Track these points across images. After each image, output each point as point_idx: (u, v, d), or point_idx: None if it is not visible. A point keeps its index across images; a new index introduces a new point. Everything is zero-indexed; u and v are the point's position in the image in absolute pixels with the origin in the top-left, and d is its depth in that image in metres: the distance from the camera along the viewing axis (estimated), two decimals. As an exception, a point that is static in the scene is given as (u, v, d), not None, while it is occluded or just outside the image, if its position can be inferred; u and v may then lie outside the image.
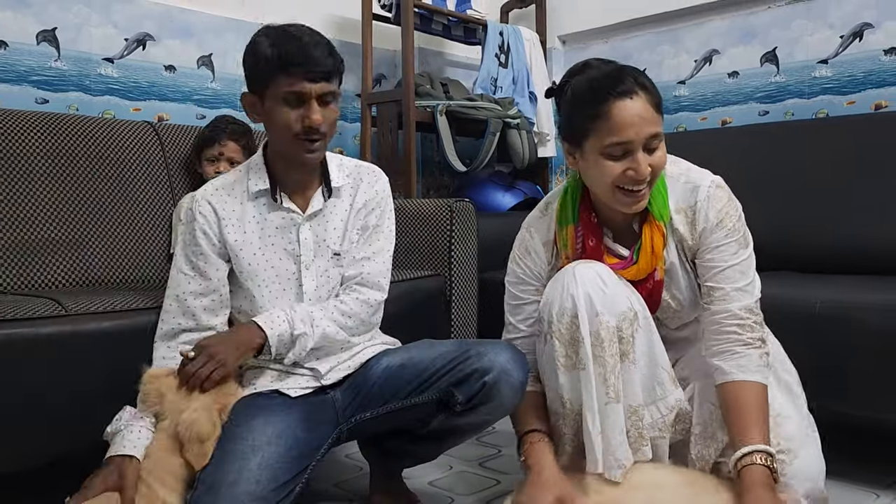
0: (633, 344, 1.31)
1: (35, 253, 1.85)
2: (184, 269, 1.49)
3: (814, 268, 2.17)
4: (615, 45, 3.27)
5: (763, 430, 1.26)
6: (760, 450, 1.23)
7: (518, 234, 1.53)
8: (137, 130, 2.17)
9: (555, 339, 1.32)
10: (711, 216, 1.37)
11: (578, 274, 1.31)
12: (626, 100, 1.28)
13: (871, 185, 2.20)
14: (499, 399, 1.38)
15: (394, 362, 1.48)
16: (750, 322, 1.34)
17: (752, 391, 1.29)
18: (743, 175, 2.31)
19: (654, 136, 1.29)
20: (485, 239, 2.26)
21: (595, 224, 1.42)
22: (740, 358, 1.32)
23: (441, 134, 2.74)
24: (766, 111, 2.82)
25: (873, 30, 2.56)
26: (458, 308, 2.14)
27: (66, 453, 1.46)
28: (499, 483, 1.78)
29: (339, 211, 1.56)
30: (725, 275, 1.36)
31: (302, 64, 1.39)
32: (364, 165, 1.63)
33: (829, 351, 1.66)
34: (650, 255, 1.37)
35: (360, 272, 1.55)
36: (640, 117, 1.28)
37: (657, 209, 1.38)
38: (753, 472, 1.22)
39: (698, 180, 1.40)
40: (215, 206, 1.51)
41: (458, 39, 3.15)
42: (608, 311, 1.29)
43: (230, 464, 1.29)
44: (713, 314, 1.36)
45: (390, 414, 1.45)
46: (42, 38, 2.24)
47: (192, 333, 1.47)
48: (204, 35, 2.59)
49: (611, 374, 1.28)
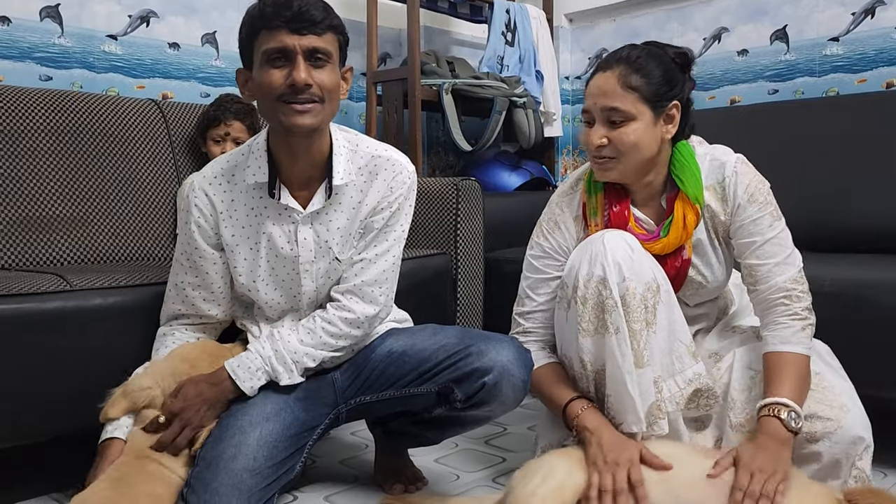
0: (656, 314, 1.32)
1: (40, 229, 1.85)
2: (180, 259, 1.45)
3: (824, 247, 2.15)
4: (622, 24, 3.23)
5: (793, 387, 1.28)
6: (782, 402, 1.26)
7: (545, 209, 1.53)
8: (142, 108, 2.16)
9: (579, 304, 1.32)
10: (740, 192, 1.39)
11: (608, 241, 1.32)
12: (598, 72, 1.38)
13: (881, 164, 2.18)
14: (499, 399, 1.37)
15: (396, 348, 1.45)
16: (797, 292, 1.36)
17: (790, 358, 1.32)
18: (752, 154, 2.28)
19: (612, 110, 1.34)
20: (490, 218, 2.25)
21: (620, 191, 1.44)
22: (784, 329, 1.34)
23: (447, 113, 2.72)
24: (775, 90, 2.79)
25: (885, 7, 2.52)
26: (463, 287, 2.14)
27: (69, 428, 1.46)
28: (504, 461, 1.78)
29: (346, 210, 1.43)
30: (765, 250, 1.38)
31: (284, 14, 1.27)
32: (384, 157, 1.45)
33: (837, 329, 1.64)
34: (681, 229, 1.38)
35: (354, 281, 1.43)
36: (601, 90, 1.36)
37: (692, 192, 1.39)
38: (766, 422, 1.26)
39: (723, 157, 1.43)
40: (212, 197, 1.41)
41: (465, 17, 3.12)
42: (636, 278, 1.30)
43: (228, 439, 1.29)
44: (759, 292, 1.38)
45: (390, 400, 1.44)
46: (45, 14, 2.22)
47: (189, 319, 1.47)
48: (208, 12, 2.56)
49: (639, 341, 1.29)
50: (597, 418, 1.34)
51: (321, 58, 1.31)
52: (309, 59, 1.30)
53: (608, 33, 3.28)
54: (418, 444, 1.64)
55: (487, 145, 2.88)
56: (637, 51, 1.38)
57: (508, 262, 2.29)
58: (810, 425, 1.29)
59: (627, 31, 3.19)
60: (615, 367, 1.30)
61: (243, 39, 1.36)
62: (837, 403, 1.31)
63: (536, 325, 1.49)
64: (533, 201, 2.53)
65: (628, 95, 1.34)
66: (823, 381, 1.35)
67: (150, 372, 1.36)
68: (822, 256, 2.02)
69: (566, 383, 1.42)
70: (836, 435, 1.28)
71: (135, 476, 1.24)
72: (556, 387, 1.42)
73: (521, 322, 1.52)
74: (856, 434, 1.29)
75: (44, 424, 1.44)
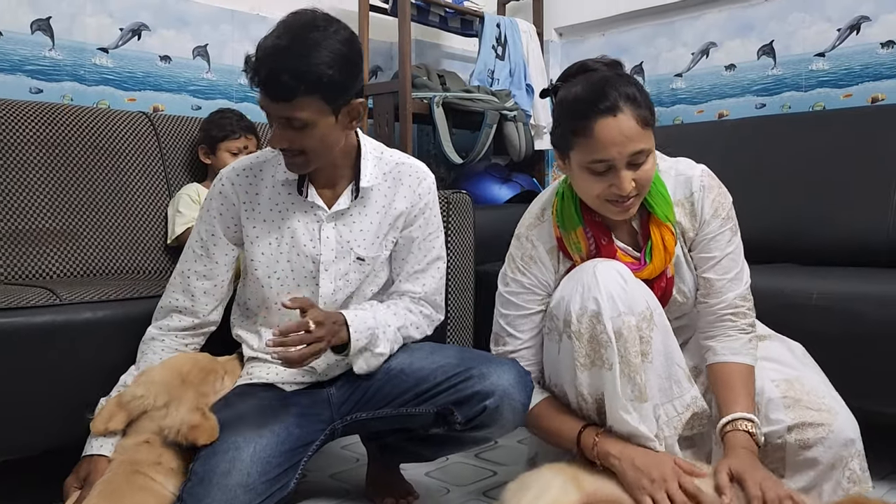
0: (651, 343, 1.30)
1: (29, 243, 1.84)
2: (194, 246, 1.48)
3: (810, 260, 2.17)
4: (612, 38, 3.26)
5: (748, 402, 1.31)
6: (745, 417, 1.29)
7: (513, 243, 1.47)
8: (133, 121, 2.16)
9: (574, 339, 1.29)
10: (707, 206, 1.39)
11: (600, 273, 1.28)
12: (608, 118, 1.25)
13: (867, 178, 2.20)
14: (500, 422, 1.37)
15: (394, 365, 1.45)
16: (743, 309, 1.40)
17: (739, 369, 1.35)
18: (739, 168, 2.32)
19: (638, 153, 1.27)
20: (481, 231, 2.25)
21: (601, 223, 1.39)
22: (732, 341, 1.37)
23: (438, 126, 2.73)
24: (762, 104, 2.82)
25: (870, 23, 2.56)
26: (454, 300, 2.14)
27: (58, 442, 1.45)
28: (496, 474, 1.78)
29: (370, 213, 1.47)
30: (721, 265, 1.39)
31: (259, 78, 1.30)
32: (407, 164, 1.52)
33: (824, 342, 1.66)
34: (663, 252, 1.36)
35: (421, 289, 1.50)
36: (623, 135, 1.25)
37: (661, 212, 1.37)
38: (736, 437, 1.28)
39: (688, 171, 1.41)
40: (238, 187, 1.46)
41: (455, 31, 3.14)
42: (630, 311, 1.27)
43: (222, 454, 1.28)
44: (709, 305, 1.40)
45: (387, 418, 1.44)
46: (36, 27, 2.23)
47: (183, 315, 1.46)
48: (199, 25, 2.57)
49: (637, 374, 1.27)
50: (617, 442, 1.29)
51: (296, 124, 1.33)
52: (285, 126, 1.33)
53: (598, 47, 3.30)
54: (413, 459, 1.64)
55: (478, 158, 2.89)
56: (624, 84, 1.28)
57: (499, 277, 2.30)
58: (802, 433, 1.30)
59: (616, 46, 3.22)
60: (613, 401, 1.28)
61: None
62: (825, 407, 1.32)
63: (525, 363, 1.43)
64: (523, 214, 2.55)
65: (647, 132, 1.28)
66: (805, 385, 1.36)
67: (143, 381, 1.36)
68: (809, 269, 2.04)
69: (569, 414, 1.37)
70: (829, 440, 1.29)
71: (127, 490, 1.24)
72: (560, 420, 1.37)
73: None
74: (847, 437, 1.30)
75: (33, 438, 1.43)
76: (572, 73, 1.36)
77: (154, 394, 1.33)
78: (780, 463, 1.33)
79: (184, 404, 1.32)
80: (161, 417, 1.31)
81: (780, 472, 1.33)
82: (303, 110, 1.30)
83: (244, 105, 2.64)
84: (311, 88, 1.29)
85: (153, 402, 1.32)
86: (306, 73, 1.28)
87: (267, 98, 1.31)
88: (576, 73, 1.35)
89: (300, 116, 1.31)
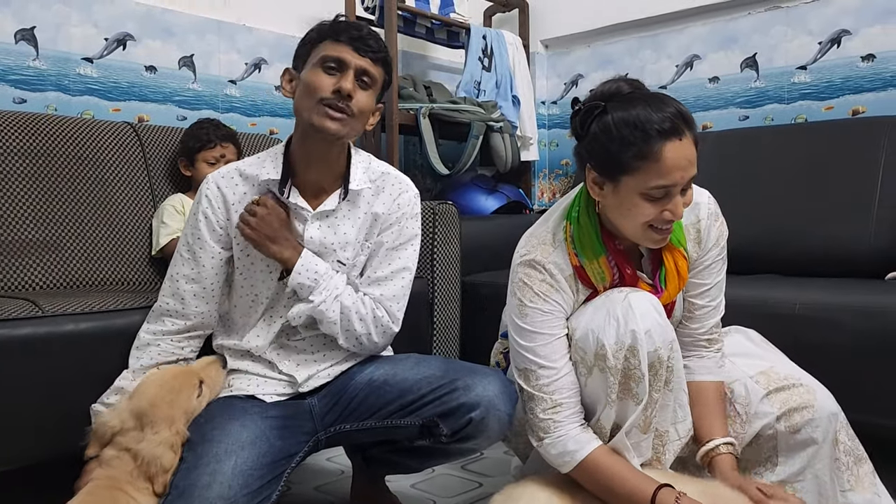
0: (674, 371, 1.30)
1: (11, 254, 1.83)
2: (181, 251, 1.48)
3: (794, 271, 2.19)
4: (597, 50, 3.29)
5: (723, 423, 1.37)
6: (726, 442, 1.34)
7: (522, 272, 1.34)
8: (117, 131, 2.15)
9: (608, 374, 1.26)
10: (713, 233, 1.38)
11: (635, 304, 1.25)
12: (675, 141, 1.20)
13: (849, 190, 2.23)
14: (486, 434, 1.37)
15: (377, 376, 1.44)
16: (717, 336, 1.43)
17: (713, 389, 1.39)
18: (723, 180, 2.34)
19: (693, 177, 1.24)
20: (467, 242, 2.26)
21: (623, 251, 1.34)
22: (707, 360, 1.41)
23: (424, 137, 2.74)
24: (746, 116, 2.84)
25: (851, 36, 2.60)
26: (440, 311, 2.14)
27: (39, 455, 1.44)
28: (481, 486, 1.78)
29: (354, 217, 1.48)
30: (709, 293, 1.41)
31: (351, 34, 1.42)
32: (392, 174, 1.55)
33: (807, 352, 1.67)
34: (677, 278, 1.35)
35: (379, 293, 1.48)
36: (688, 160, 1.21)
37: (674, 237, 1.33)
38: (724, 460, 1.32)
39: (697, 197, 1.37)
40: (224, 190, 1.47)
41: (442, 43, 3.16)
42: (664, 345, 1.26)
43: (203, 468, 1.27)
44: (688, 328, 1.42)
45: (371, 430, 1.43)
46: (20, 36, 2.21)
47: (174, 319, 1.46)
48: (185, 36, 2.57)
49: (654, 408, 1.29)
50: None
51: (367, 81, 1.44)
52: (358, 77, 1.42)
53: (583, 59, 3.33)
54: (399, 471, 1.63)
55: (464, 169, 2.90)
56: (678, 104, 1.23)
57: (485, 286, 2.30)
58: (790, 419, 1.33)
59: (602, 58, 3.25)
60: (623, 430, 1.28)
61: (305, 43, 1.47)
62: (804, 388, 1.36)
63: (564, 396, 1.30)
64: (510, 225, 2.56)
65: (696, 154, 1.24)
66: (780, 372, 1.39)
67: (116, 410, 1.33)
68: (791, 280, 2.05)
69: (634, 470, 1.28)
70: (816, 419, 1.33)
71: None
72: (630, 478, 1.26)
73: (546, 396, 1.31)
74: (830, 410, 1.34)
75: (13, 451, 1.41)
76: (610, 93, 1.26)
77: (123, 420, 1.30)
78: (772, 451, 1.37)
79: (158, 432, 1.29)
80: (135, 440, 1.28)
81: (773, 461, 1.36)
82: (377, 72, 1.45)
83: (230, 116, 2.64)
84: (385, 61, 1.47)
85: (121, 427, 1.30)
86: (386, 49, 1.48)
87: (352, 50, 1.41)
88: (617, 96, 1.26)
89: (374, 73, 1.44)
